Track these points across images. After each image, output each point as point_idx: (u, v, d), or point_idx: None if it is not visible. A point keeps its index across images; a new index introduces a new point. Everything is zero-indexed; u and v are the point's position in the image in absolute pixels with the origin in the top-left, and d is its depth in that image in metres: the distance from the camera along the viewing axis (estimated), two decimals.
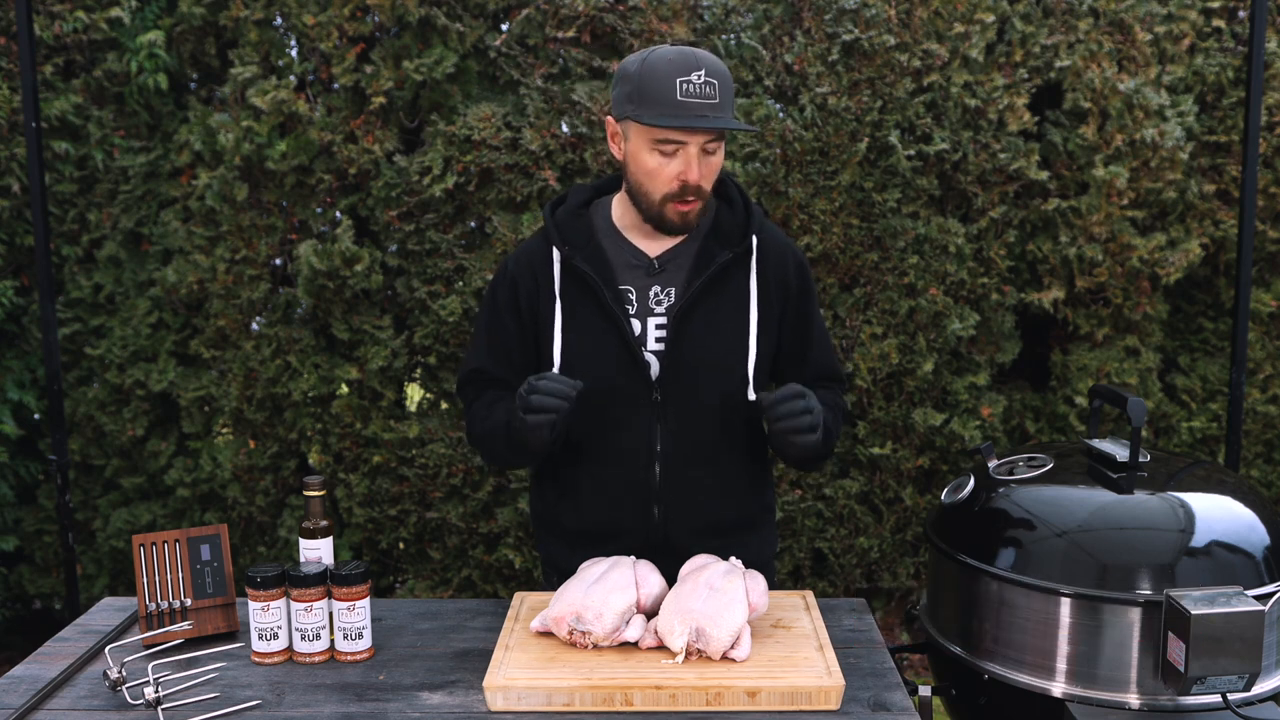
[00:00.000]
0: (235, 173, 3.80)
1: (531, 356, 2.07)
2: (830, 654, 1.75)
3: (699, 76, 1.84)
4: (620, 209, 2.05)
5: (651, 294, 2.00)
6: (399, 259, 3.94)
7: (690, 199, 1.92)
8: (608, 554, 1.98)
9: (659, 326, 1.99)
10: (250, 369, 3.92)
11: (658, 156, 1.90)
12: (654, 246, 2.02)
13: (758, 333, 2.02)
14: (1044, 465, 2.04)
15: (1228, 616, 1.67)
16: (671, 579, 1.90)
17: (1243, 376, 3.41)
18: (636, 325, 1.99)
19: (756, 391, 2.02)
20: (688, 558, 1.96)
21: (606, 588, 1.80)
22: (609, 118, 1.98)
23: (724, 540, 2.05)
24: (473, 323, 3.84)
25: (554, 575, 2.15)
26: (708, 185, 1.93)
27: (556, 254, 2.02)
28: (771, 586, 2.02)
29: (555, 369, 2.00)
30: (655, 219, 1.96)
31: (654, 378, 1.99)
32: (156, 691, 1.67)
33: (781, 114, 3.79)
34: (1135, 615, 1.78)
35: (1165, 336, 4.08)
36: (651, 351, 1.99)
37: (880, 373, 3.86)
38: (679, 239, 2.02)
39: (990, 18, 3.73)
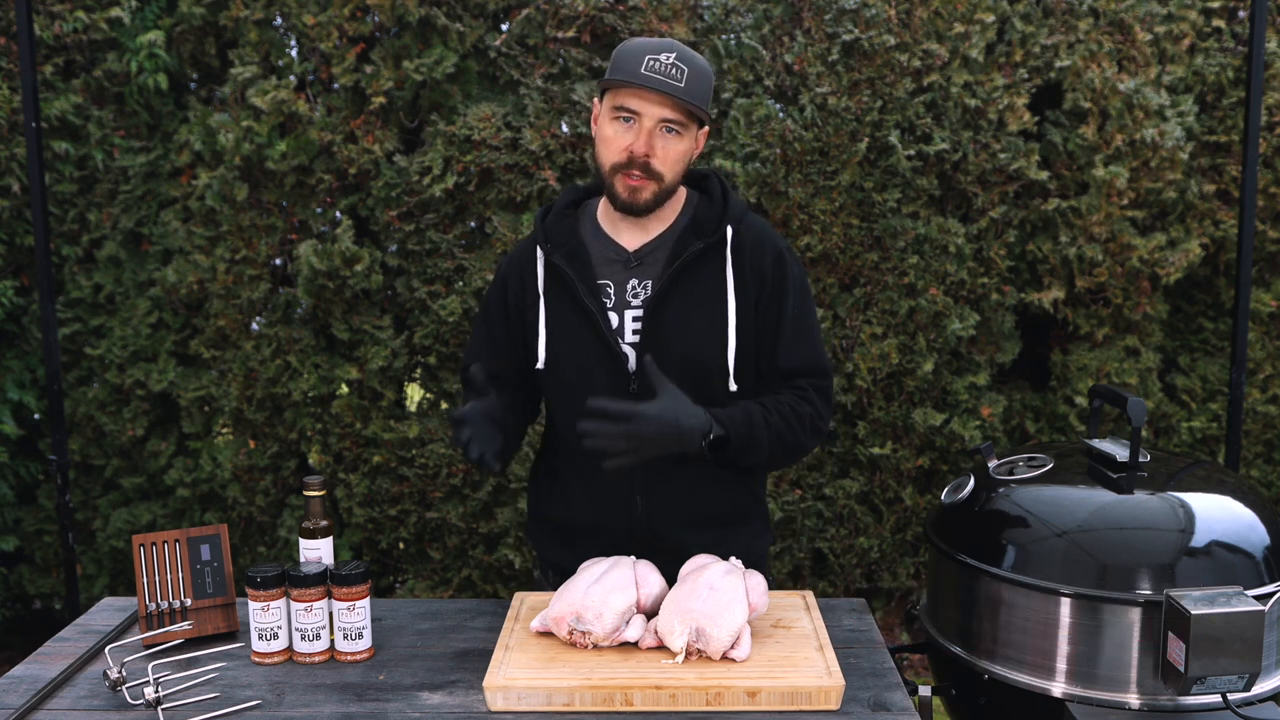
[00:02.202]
0: (235, 173, 3.80)
1: (520, 354, 2.10)
2: (830, 654, 1.75)
3: (668, 57, 1.88)
4: (604, 207, 2.08)
5: (629, 287, 2.01)
6: (399, 259, 3.94)
7: (637, 174, 1.92)
8: (596, 547, 1.99)
9: (635, 319, 2.00)
10: (250, 369, 3.92)
11: (616, 125, 1.93)
12: (633, 241, 2.04)
13: (737, 322, 2.01)
14: (1044, 465, 2.04)
15: (1228, 616, 1.67)
16: (664, 573, 1.90)
17: (1243, 376, 3.41)
18: (614, 318, 2.00)
19: (739, 383, 2.02)
20: (676, 551, 1.96)
21: (606, 588, 1.80)
22: (595, 99, 2.03)
23: (712, 533, 2.05)
24: (473, 323, 3.85)
25: (548, 570, 2.16)
26: (659, 167, 1.93)
27: (540, 253, 2.05)
28: (768, 581, 2.02)
29: (540, 364, 2.04)
30: (608, 192, 1.98)
31: (631, 370, 1.99)
32: (156, 691, 1.67)
33: (781, 114, 3.79)
34: (1135, 615, 1.78)
35: (1165, 336, 4.08)
36: (629, 344, 2.00)
37: (880, 373, 3.86)
38: (657, 233, 2.03)
39: (990, 18, 3.73)
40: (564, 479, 2.11)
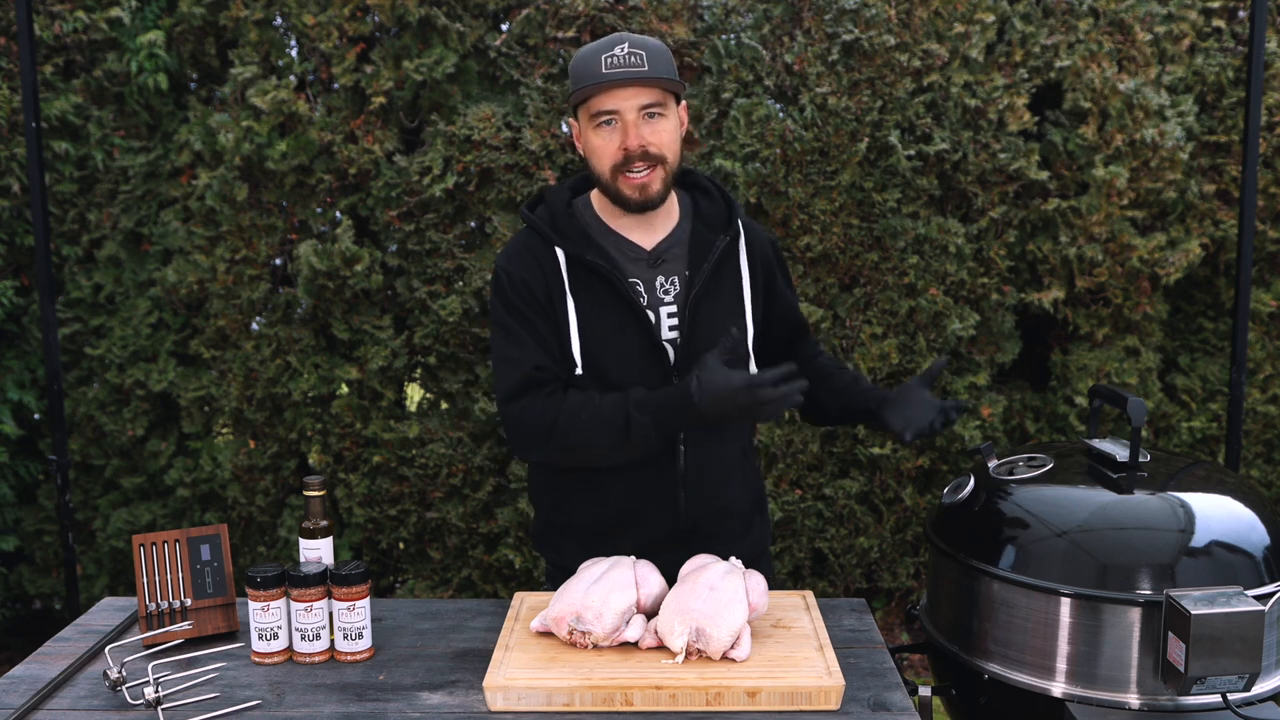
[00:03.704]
0: (235, 173, 3.80)
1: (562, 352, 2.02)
2: (830, 654, 1.75)
3: (622, 49, 1.89)
4: (604, 207, 2.07)
5: (657, 284, 2.03)
6: (399, 259, 3.94)
7: (638, 167, 1.93)
8: (633, 544, 1.98)
9: (671, 315, 2.02)
10: (250, 369, 3.92)
11: (601, 134, 1.93)
12: (647, 239, 2.04)
13: (752, 311, 2.09)
14: (1044, 465, 2.04)
15: (1228, 616, 1.67)
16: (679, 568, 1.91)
17: (1243, 376, 3.41)
18: (650, 315, 2.01)
19: (758, 365, 2.10)
20: (709, 540, 2.00)
21: (606, 587, 1.80)
22: (569, 119, 2.02)
23: (740, 521, 2.12)
24: (473, 323, 3.84)
25: (561, 578, 2.12)
26: (658, 150, 1.94)
27: (560, 252, 2.00)
28: (769, 575, 2.03)
29: (579, 369, 1.98)
30: (615, 199, 1.98)
31: (671, 364, 2.01)
32: (156, 691, 1.67)
33: (781, 114, 3.78)
34: (1135, 615, 1.78)
35: (1165, 336, 4.08)
36: (666, 340, 2.01)
37: (880, 373, 3.86)
38: (667, 230, 2.04)
39: (990, 18, 3.73)
40: (601, 481, 2.07)
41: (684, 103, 2.02)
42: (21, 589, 4.20)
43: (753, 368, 2.07)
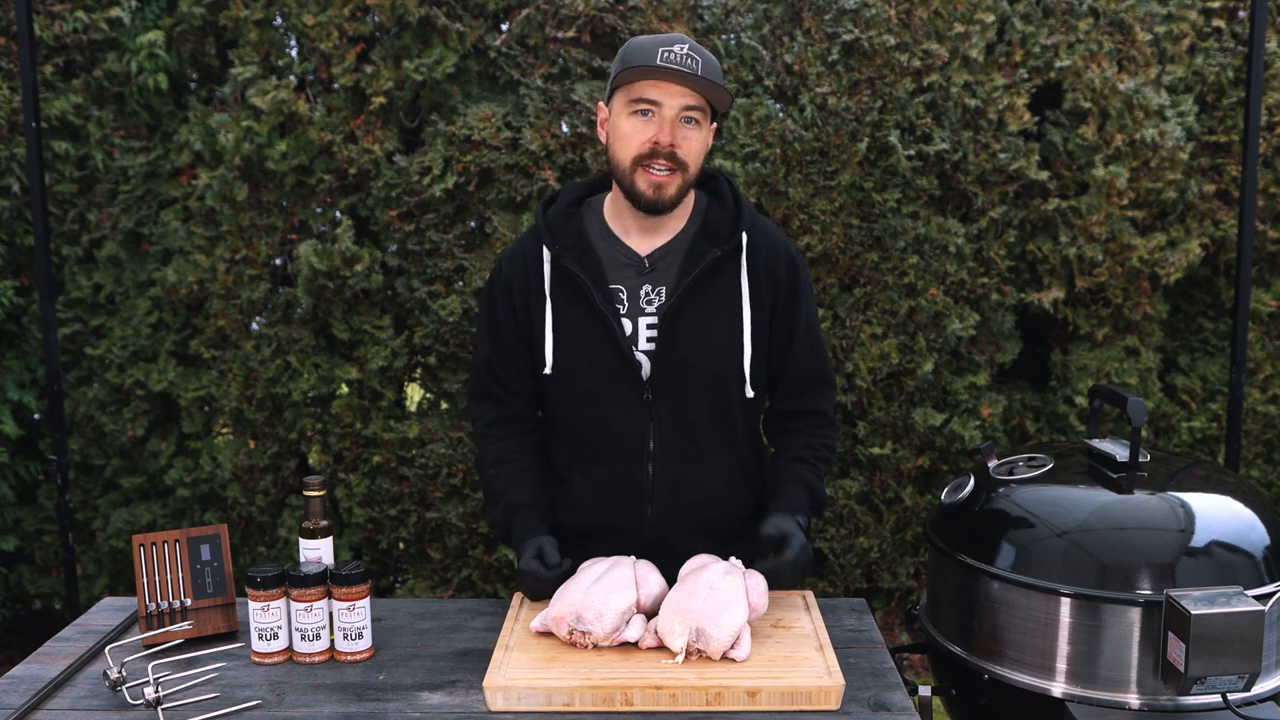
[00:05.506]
0: (235, 173, 3.80)
1: (529, 354, 2.06)
2: (830, 654, 1.75)
3: (682, 48, 1.86)
4: (612, 208, 2.04)
5: (642, 293, 1.99)
6: (399, 259, 3.94)
7: (661, 166, 1.90)
8: (603, 553, 1.98)
9: (650, 326, 1.98)
10: (250, 369, 3.92)
11: (635, 120, 1.90)
12: (645, 245, 2.00)
13: (752, 330, 2.00)
14: (1044, 465, 2.04)
15: (1228, 616, 1.67)
16: (668, 578, 1.90)
17: (1243, 376, 3.41)
18: (628, 325, 1.97)
19: (754, 389, 2.02)
20: (683, 557, 1.96)
21: (606, 587, 1.80)
22: (600, 103, 1.99)
23: (719, 540, 2.04)
24: (473, 322, 3.85)
25: None
26: (685, 157, 1.91)
27: (547, 253, 2.01)
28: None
29: (548, 369, 2.00)
30: (629, 192, 1.94)
31: (645, 377, 1.98)
32: (156, 691, 1.67)
33: (781, 114, 3.79)
34: (1135, 615, 1.78)
35: (1165, 336, 4.08)
36: (643, 351, 1.98)
37: (880, 373, 3.86)
38: (669, 237, 2.00)
39: (990, 18, 3.73)
40: (570, 485, 2.09)
41: (715, 125, 1.98)
42: (21, 589, 4.20)
43: (748, 391, 2.00)
